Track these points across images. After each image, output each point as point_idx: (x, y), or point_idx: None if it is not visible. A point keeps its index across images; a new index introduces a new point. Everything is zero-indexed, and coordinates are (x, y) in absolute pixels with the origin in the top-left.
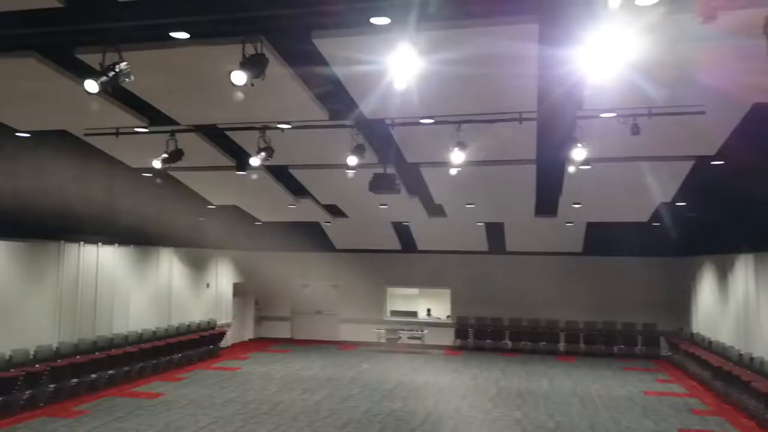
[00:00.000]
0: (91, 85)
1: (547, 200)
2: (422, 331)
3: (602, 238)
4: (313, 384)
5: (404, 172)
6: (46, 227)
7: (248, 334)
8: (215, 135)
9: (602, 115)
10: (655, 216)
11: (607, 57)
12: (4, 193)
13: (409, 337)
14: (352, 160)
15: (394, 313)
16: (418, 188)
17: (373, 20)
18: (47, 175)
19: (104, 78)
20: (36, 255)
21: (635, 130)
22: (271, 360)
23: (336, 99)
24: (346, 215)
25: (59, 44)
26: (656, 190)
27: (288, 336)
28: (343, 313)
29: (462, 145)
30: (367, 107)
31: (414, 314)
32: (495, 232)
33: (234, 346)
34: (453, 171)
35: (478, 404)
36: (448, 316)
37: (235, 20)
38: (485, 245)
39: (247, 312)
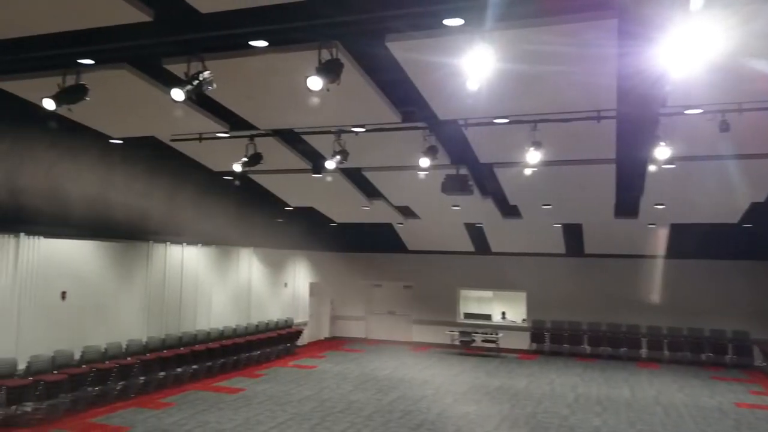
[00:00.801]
0: (177, 94)
1: (627, 201)
2: (496, 334)
3: (687, 241)
4: (387, 384)
5: (477, 173)
6: (136, 228)
7: (324, 333)
8: (292, 139)
9: (687, 111)
10: (747, 217)
11: (693, 51)
12: (99, 195)
13: (483, 340)
14: (425, 162)
15: (468, 315)
16: (491, 189)
17: (447, 22)
18: (137, 178)
19: (189, 86)
20: (127, 254)
21: (724, 127)
22: (346, 359)
23: (409, 101)
24: (419, 216)
25: (148, 56)
26: (747, 189)
27: (362, 336)
28: (415, 314)
29: (538, 145)
30: (440, 108)
31: (488, 317)
32: (572, 233)
33: (310, 344)
34: (528, 171)
35: (555, 410)
36: (523, 320)
37: (312, 27)
38: (562, 247)
39: (323, 311)
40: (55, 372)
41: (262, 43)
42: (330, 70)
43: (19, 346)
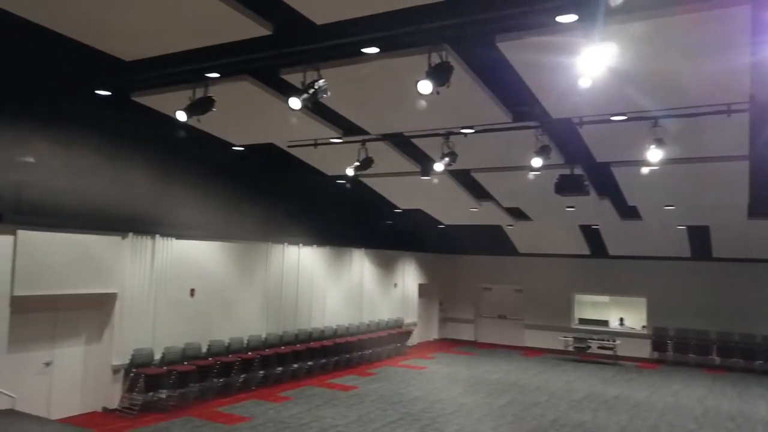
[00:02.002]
0: (295, 102)
1: (763, 200)
2: (614, 341)
3: None
4: (498, 388)
5: (593, 173)
6: (256, 230)
7: (433, 335)
8: (402, 142)
9: None
10: None
11: None
12: (222, 199)
13: (599, 347)
14: (537, 162)
15: (583, 321)
16: (608, 189)
17: (560, 18)
18: (257, 183)
19: (305, 95)
20: (248, 254)
21: None
22: (456, 361)
23: (520, 100)
24: (530, 218)
25: (268, 67)
26: None
27: (471, 338)
28: (527, 318)
29: (660, 142)
30: (553, 107)
31: (604, 323)
32: (699, 236)
33: (419, 345)
34: (648, 170)
35: (680, 423)
36: (643, 327)
37: (422, 31)
38: (687, 250)
39: (432, 313)
40: (186, 363)
41: (373, 50)
42: (439, 73)
43: (155, 338)
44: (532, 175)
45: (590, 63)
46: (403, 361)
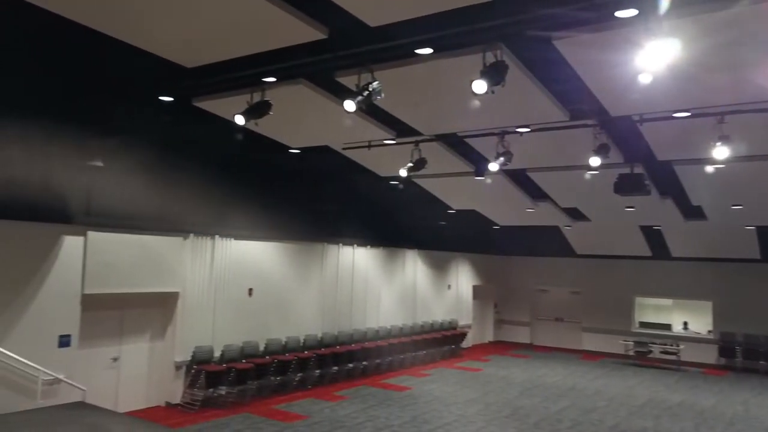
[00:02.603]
0: (350, 105)
1: None
2: (677, 345)
3: None
4: (555, 392)
5: (654, 171)
6: (311, 230)
7: (488, 337)
8: (455, 142)
9: None
10: None
11: None
12: (279, 200)
13: (661, 352)
14: (595, 161)
15: (644, 324)
16: (671, 188)
17: (618, 13)
18: (313, 184)
19: (360, 97)
20: (304, 255)
21: None
22: (511, 364)
23: (577, 98)
24: (588, 218)
25: (323, 70)
26: None
27: (527, 341)
28: (585, 321)
29: (726, 139)
30: (612, 104)
31: (667, 327)
32: None
33: (474, 347)
34: (714, 168)
35: None
36: (709, 331)
37: (476, 31)
38: (756, 252)
39: (487, 315)
40: (244, 361)
41: (427, 51)
42: (494, 72)
43: (215, 336)
44: (590, 174)
45: (651, 59)
46: (458, 363)
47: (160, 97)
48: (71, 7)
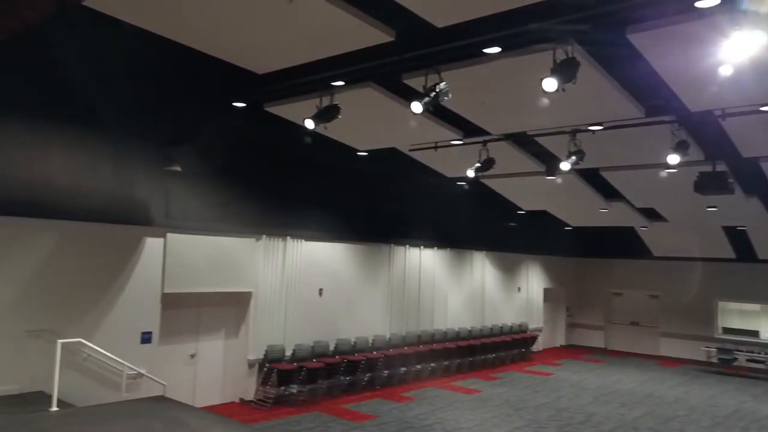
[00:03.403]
0: (417, 107)
1: None
2: (766, 354)
3: None
4: (631, 399)
5: (739, 169)
6: (379, 232)
7: (559, 341)
8: (525, 142)
9: None
10: None
11: None
12: (348, 202)
13: (747, 360)
14: (674, 159)
15: (727, 330)
16: (757, 187)
17: (699, 4)
18: (379, 186)
19: (427, 98)
20: (371, 256)
21: None
22: (584, 369)
23: (653, 94)
24: (666, 219)
25: (390, 73)
26: None
27: (601, 346)
28: (663, 326)
29: None
30: (691, 99)
31: (754, 333)
32: None
33: (545, 351)
34: None
35: None
36: None
37: (545, 28)
38: None
39: (558, 318)
40: (314, 360)
41: (495, 50)
42: (565, 69)
43: (286, 335)
44: (667, 173)
45: (734, 51)
46: (528, 367)
47: (234, 103)
48: (150, 20)
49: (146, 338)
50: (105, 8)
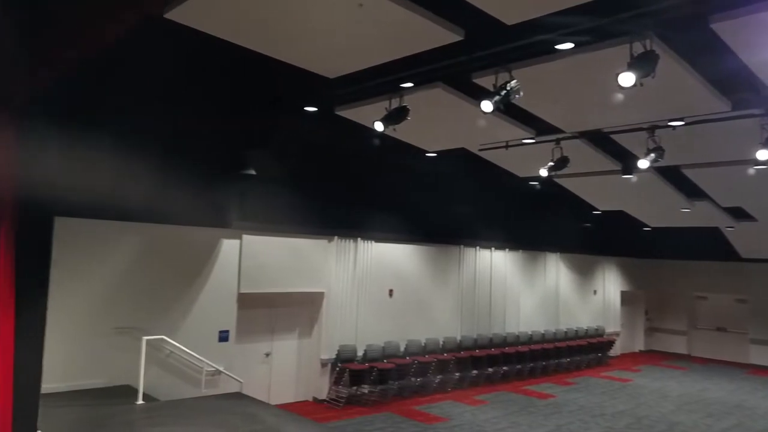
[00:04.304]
0: (487, 105)
1: None
2: None
3: None
4: (719, 409)
5: None
6: (449, 233)
7: (638, 346)
8: (600, 139)
9: None
10: None
11: None
12: (417, 203)
13: None
14: (763, 154)
15: None
16: None
17: None
18: (449, 187)
19: (497, 97)
20: (441, 257)
21: None
22: (665, 376)
23: (740, 86)
24: (755, 218)
25: (460, 72)
26: None
27: (684, 352)
28: (753, 332)
29: None
30: None
31: None
32: None
33: (623, 356)
34: None
35: None
36: None
37: (622, 21)
38: None
39: (637, 322)
40: (385, 361)
41: (568, 46)
42: (643, 63)
43: (357, 335)
44: (756, 169)
45: None
46: (605, 372)
47: (305, 108)
48: (225, 29)
49: (224, 336)
50: (182, 19)
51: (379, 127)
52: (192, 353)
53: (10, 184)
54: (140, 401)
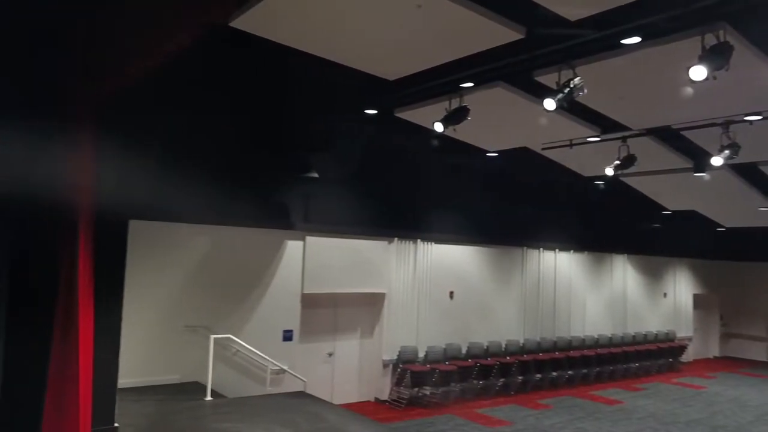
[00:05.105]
0: (549, 104)
1: None
2: None
3: None
4: None
5: None
6: (510, 234)
7: (712, 351)
8: (669, 136)
9: None
10: None
11: None
12: (478, 203)
13: None
14: None
15: None
16: None
17: None
18: (511, 188)
19: (560, 95)
20: (503, 259)
21: None
22: (743, 384)
23: None
24: None
25: (521, 71)
26: None
27: (763, 359)
28: None
29: None
30: None
31: None
32: None
33: (695, 362)
34: None
35: None
36: None
37: (693, 12)
38: None
39: (711, 327)
40: (447, 363)
41: (635, 40)
42: (716, 55)
43: (418, 336)
44: None
45: None
46: (677, 378)
47: (366, 111)
48: (287, 35)
49: (288, 336)
50: (246, 26)
51: (439, 127)
52: (257, 352)
53: (88, 189)
54: (209, 397)
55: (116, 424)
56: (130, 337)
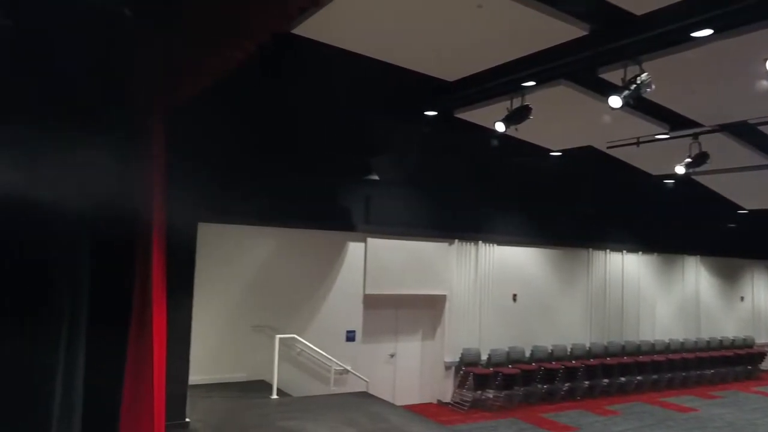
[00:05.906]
0: (615, 101)
1: None
2: None
3: None
4: None
5: None
6: (575, 235)
7: None
8: (745, 132)
9: None
10: None
11: None
12: (541, 204)
13: None
14: None
15: None
16: None
17: None
18: (576, 187)
19: (626, 92)
20: (568, 261)
21: None
22: None
23: None
24: None
25: (585, 68)
26: None
27: None
28: None
29: None
30: None
31: None
32: None
33: None
34: None
35: None
36: None
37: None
38: None
39: None
40: (510, 366)
41: (706, 32)
42: None
43: (481, 339)
44: None
45: None
46: (756, 387)
47: (426, 112)
48: (349, 40)
49: (350, 336)
50: (306, 32)
51: (500, 127)
52: (321, 352)
53: (161, 192)
54: (274, 396)
55: (187, 419)
56: (199, 337)
